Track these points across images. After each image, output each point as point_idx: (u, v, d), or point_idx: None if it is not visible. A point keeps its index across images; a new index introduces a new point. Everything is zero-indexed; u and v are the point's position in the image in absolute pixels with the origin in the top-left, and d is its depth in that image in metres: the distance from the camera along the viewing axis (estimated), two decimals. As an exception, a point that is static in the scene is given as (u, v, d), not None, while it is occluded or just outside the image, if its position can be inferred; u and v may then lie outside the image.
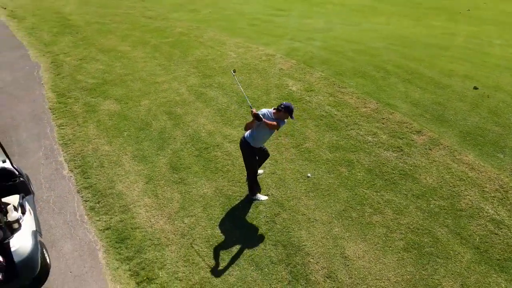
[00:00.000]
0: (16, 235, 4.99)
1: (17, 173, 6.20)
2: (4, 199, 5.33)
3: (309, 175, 6.78)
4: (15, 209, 5.18)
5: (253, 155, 6.02)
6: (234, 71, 6.30)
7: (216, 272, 5.34)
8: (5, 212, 4.95)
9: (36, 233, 5.30)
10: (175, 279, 5.26)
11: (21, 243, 4.95)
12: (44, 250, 5.44)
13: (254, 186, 6.33)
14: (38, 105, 9.62)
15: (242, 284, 5.13)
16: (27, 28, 15.12)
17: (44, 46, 13.34)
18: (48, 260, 5.46)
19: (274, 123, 5.56)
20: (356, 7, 17.42)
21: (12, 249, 4.86)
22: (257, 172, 6.33)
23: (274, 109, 5.77)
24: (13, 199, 5.46)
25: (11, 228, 5.00)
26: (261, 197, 6.40)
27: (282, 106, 5.65)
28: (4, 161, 6.14)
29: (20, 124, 8.89)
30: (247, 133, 5.96)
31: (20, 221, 5.11)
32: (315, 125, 8.03)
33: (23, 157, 7.80)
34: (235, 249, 5.66)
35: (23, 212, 5.40)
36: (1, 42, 13.81)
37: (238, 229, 5.95)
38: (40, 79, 10.97)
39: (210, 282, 5.19)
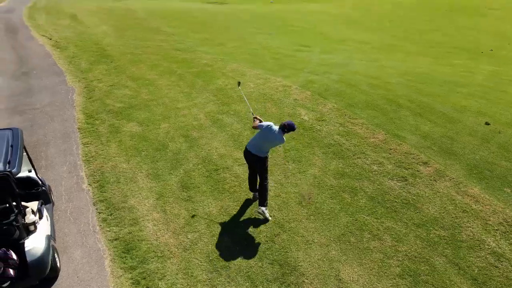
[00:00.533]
0: (31, 237, 5.44)
1: (40, 182, 6.78)
2: (24, 204, 5.84)
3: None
4: (33, 213, 5.68)
5: (258, 160, 6.46)
6: (239, 84, 7.54)
7: (213, 286, 5.54)
8: (24, 215, 5.44)
9: (50, 238, 5.74)
10: (172, 289, 5.50)
11: (34, 244, 5.39)
12: (56, 254, 5.85)
13: (267, 194, 6.61)
14: (68, 125, 10.41)
15: (235, 298, 5.30)
16: (68, 57, 16.46)
17: (81, 73, 14.47)
18: (58, 264, 5.86)
19: (255, 123, 6.57)
20: (377, 44, 17.88)
21: (26, 249, 5.30)
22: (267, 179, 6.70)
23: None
24: (32, 205, 5.97)
25: (28, 229, 5.47)
26: (267, 213, 6.61)
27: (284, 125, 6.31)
28: (30, 171, 6.74)
29: (50, 141, 9.64)
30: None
31: (36, 224, 5.58)
32: (322, 153, 8.27)
33: (49, 170, 8.44)
34: (233, 265, 5.86)
35: (40, 217, 5.89)
36: (45, 69, 15.11)
37: (238, 246, 6.17)
38: (73, 101, 11.88)
39: (205, 294, 5.39)
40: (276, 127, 6.37)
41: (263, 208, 6.59)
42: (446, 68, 15.22)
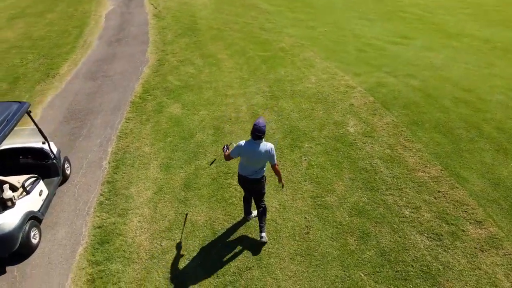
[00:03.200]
0: (6, 212, 5.61)
1: (52, 155, 7.03)
2: (3, 178, 6.03)
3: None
4: (13, 189, 5.85)
5: (256, 182, 5.45)
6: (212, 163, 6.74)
7: (154, 308, 5.03)
8: (1, 190, 5.60)
9: (29, 215, 5.86)
10: (114, 300, 5.15)
11: (6, 220, 5.54)
12: (35, 232, 5.98)
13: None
14: (124, 97, 10.77)
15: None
16: (160, 27, 17.13)
17: (163, 45, 14.90)
18: (36, 241, 5.99)
19: (226, 153, 5.45)
20: (504, 45, 14.26)
21: (-4, 223, 5.49)
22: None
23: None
24: (18, 179, 6.14)
25: (4, 205, 5.65)
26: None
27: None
28: (44, 143, 7.01)
29: (101, 111, 10.09)
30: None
31: (14, 200, 5.74)
32: (350, 178, 6.85)
33: (85, 140, 8.83)
34: (187, 290, 5.23)
35: (27, 193, 6.06)
36: (136, 37, 16.01)
37: (203, 270, 5.48)
38: (141, 74, 12.27)
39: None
40: (247, 141, 5.24)
41: (264, 235, 5.74)
42: None
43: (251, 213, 6.17)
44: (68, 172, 7.51)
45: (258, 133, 5.01)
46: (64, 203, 6.96)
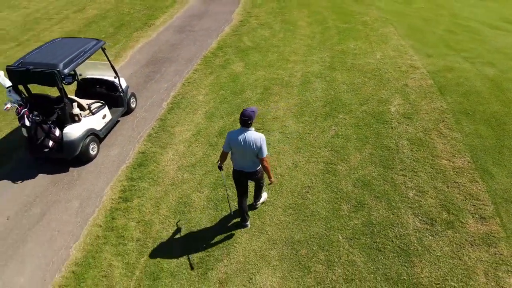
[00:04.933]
0: (74, 125, 7.14)
1: (120, 89, 8.45)
2: (73, 97, 7.52)
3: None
4: (82, 108, 7.33)
5: (252, 174, 5.30)
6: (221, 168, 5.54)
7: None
8: (71, 107, 7.10)
9: (90, 131, 7.34)
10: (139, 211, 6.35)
11: (72, 130, 7.08)
12: (93, 145, 7.46)
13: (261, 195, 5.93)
14: (199, 51, 11.89)
15: None
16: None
17: (251, 7, 15.61)
18: (93, 153, 7.49)
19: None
20: None
21: (64, 131, 7.05)
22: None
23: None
24: (85, 101, 7.62)
25: (73, 119, 7.17)
26: (261, 200, 6.06)
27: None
28: (115, 78, 8.44)
29: (176, 61, 11.38)
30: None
31: (80, 116, 7.23)
32: (369, 154, 6.91)
33: (155, 83, 10.20)
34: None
35: (93, 113, 7.54)
36: (232, -4, 16.85)
37: (207, 201, 6.33)
38: (221, 32, 13.23)
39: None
40: (237, 129, 5.04)
41: (259, 202, 5.99)
42: None
43: (247, 219, 5.80)
44: (133, 106, 8.92)
45: (243, 117, 4.81)
46: (123, 130, 8.39)
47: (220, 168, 5.43)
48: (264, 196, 6.16)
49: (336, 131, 7.58)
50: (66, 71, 6.66)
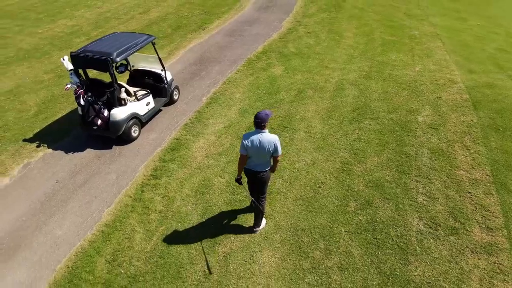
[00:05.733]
0: (120, 107, 8.08)
1: (165, 81, 9.33)
2: (122, 83, 8.45)
3: None
4: (127, 93, 8.26)
5: (262, 174, 5.38)
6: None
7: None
8: (119, 92, 8.04)
9: (134, 115, 8.24)
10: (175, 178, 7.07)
11: (118, 112, 8.01)
12: (135, 128, 8.33)
13: (262, 216, 5.93)
14: (245, 53, 12.60)
15: None
16: (308, 0, 18.28)
17: (302, 17, 16.13)
18: (135, 134, 8.38)
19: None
20: None
21: (111, 112, 7.99)
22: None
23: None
24: (131, 88, 8.54)
25: (120, 102, 8.11)
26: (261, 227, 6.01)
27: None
28: (162, 70, 9.34)
29: (221, 62, 12.17)
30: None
31: (127, 101, 8.15)
32: (388, 159, 7.07)
33: (199, 80, 11.03)
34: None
35: (138, 100, 8.44)
36: (283, 7, 17.53)
37: (225, 186, 6.88)
38: (268, 38, 13.88)
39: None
40: (252, 131, 5.17)
41: (258, 229, 5.96)
42: None
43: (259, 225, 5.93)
44: (176, 97, 9.77)
45: (257, 120, 4.98)
46: (164, 118, 9.24)
47: (239, 182, 5.41)
48: (263, 223, 6.02)
49: (359, 135, 7.80)
50: (118, 59, 7.60)
